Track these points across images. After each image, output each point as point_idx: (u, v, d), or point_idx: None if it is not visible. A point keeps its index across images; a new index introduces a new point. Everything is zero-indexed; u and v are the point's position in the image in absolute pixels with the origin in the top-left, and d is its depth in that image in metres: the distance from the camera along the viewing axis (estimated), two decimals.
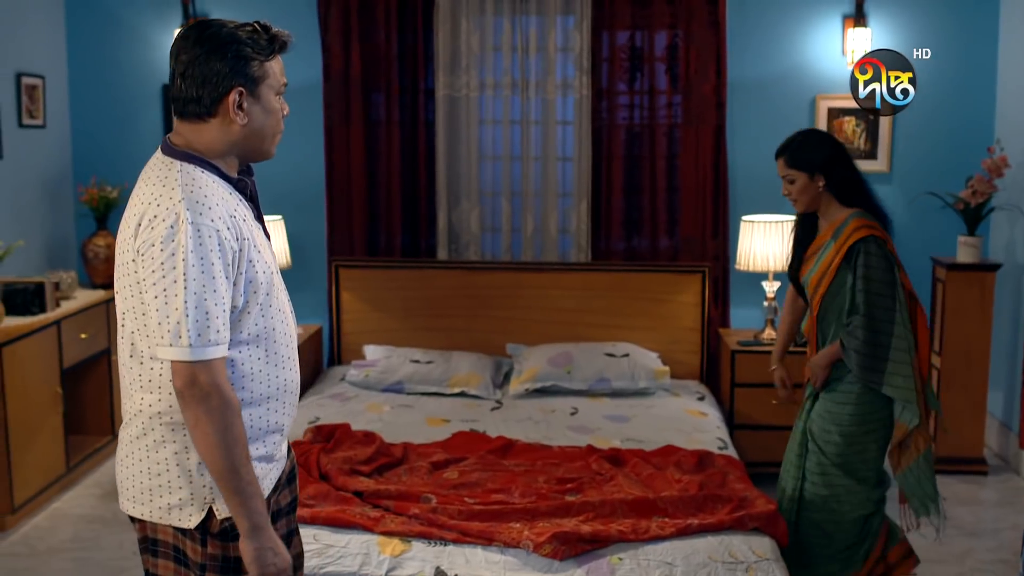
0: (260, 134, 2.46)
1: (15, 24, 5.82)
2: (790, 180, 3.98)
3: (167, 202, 2.28)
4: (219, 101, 2.37)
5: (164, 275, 2.25)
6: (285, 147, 6.19)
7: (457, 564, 3.56)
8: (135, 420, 2.40)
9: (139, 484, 2.39)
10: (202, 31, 2.38)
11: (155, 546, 2.43)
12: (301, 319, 6.28)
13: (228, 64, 2.37)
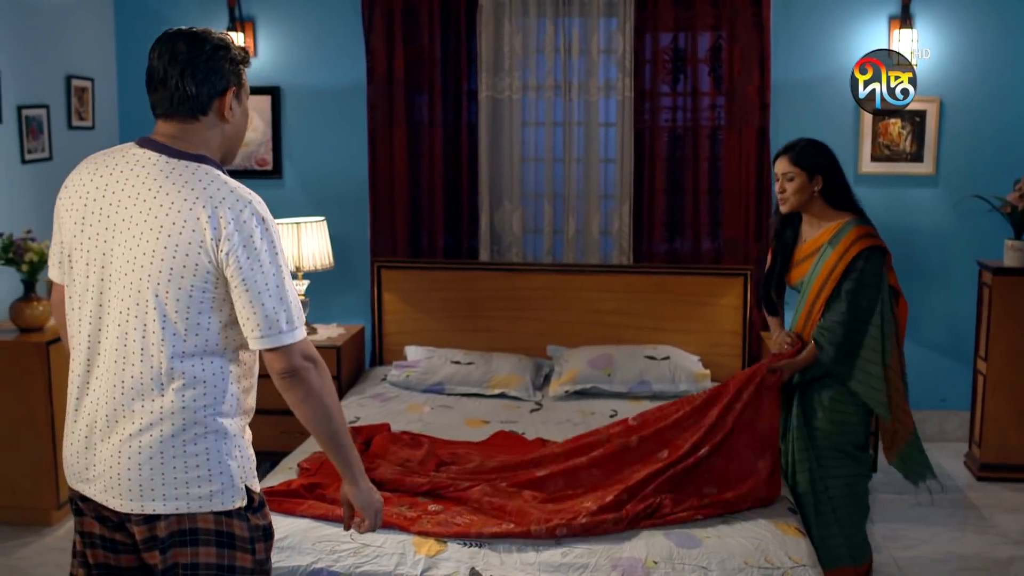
0: (238, 136, 2.62)
1: (65, 27, 5.92)
2: (789, 178, 4.07)
3: (241, 200, 2.43)
4: (215, 99, 2.51)
5: (267, 263, 2.43)
6: (329, 149, 6.31)
7: (492, 565, 3.56)
8: (165, 420, 2.44)
9: (172, 480, 2.44)
10: (196, 36, 2.52)
11: (194, 535, 2.47)
12: (343, 319, 6.34)
13: (226, 65, 2.52)
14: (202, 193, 2.41)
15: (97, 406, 2.49)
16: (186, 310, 2.43)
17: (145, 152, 2.49)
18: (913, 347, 6.19)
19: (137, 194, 2.45)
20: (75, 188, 2.53)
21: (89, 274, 2.48)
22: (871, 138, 6.04)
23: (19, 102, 5.48)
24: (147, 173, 2.46)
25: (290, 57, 6.31)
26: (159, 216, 2.42)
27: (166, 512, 2.46)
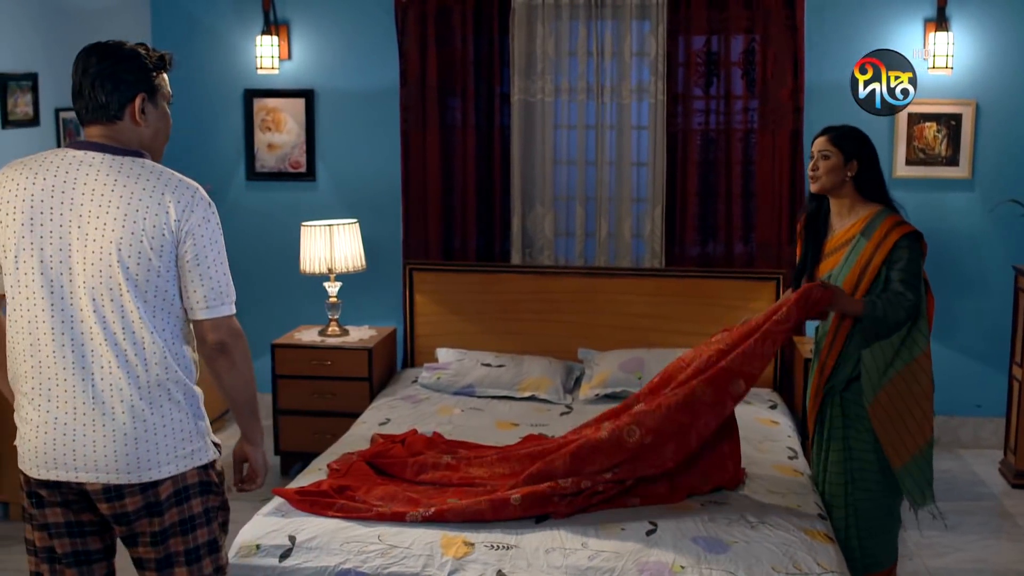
0: (158, 137, 2.83)
1: (102, 31, 5.95)
2: (825, 156, 3.98)
3: (193, 190, 2.74)
4: (126, 105, 2.73)
5: (211, 244, 2.74)
6: (362, 151, 6.34)
7: (519, 568, 3.57)
8: (151, 385, 2.70)
9: (166, 446, 2.72)
10: (107, 49, 2.75)
11: (187, 492, 2.77)
12: (376, 321, 6.37)
13: (134, 74, 2.73)
14: (157, 182, 2.68)
15: (75, 394, 2.67)
16: (154, 288, 2.68)
17: (86, 153, 2.69)
18: (948, 353, 6.14)
19: (92, 190, 2.65)
20: (11, 192, 2.68)
21: (45, 270, 2.66)
22: (906, 142, 6.00)
23: (57, 105, 5.56)
24: (96, 171, 2.67)
25: (324, 60, 6.35)
26: (121, 206, 2.64)
27: (168, 475, 2.73)
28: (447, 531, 3.73)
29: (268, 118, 6.40)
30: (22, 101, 5.29)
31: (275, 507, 3.94)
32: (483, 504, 3.82)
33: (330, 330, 5.92)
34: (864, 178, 3.97)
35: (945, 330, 6.15)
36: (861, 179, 3.97)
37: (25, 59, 5.33)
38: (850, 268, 3.92)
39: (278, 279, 6.46)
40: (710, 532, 3.76)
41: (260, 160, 6.44)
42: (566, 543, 3.67)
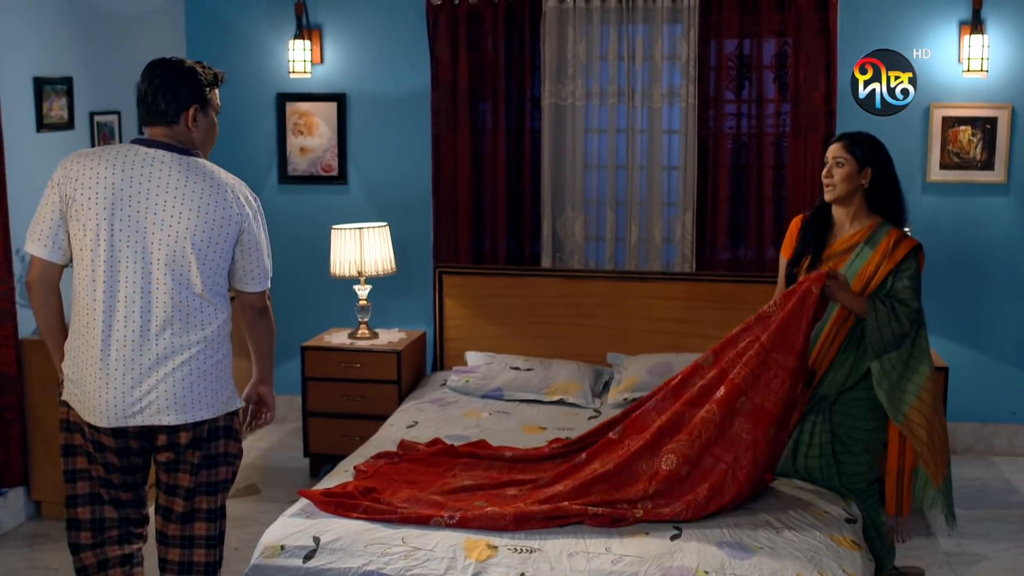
0: (205, 143, 3.35)
1: (137, 35, 6.05)
2: (839, 163, 4.07)
3: (239, 183, 3.36)
4: (181, 113, 3.24)
5: (261, 237, 3.40)
6: (393, 155, 6.37)
7: (542, 572, 3.56)
8: (194, 347, 3.24)
9: (206, 394, 3.27)
10: (169, 64, 3.26)
11: (217, 433, 3.33)
12: (406, 324, 6.39)
13: (190, 88, 3.25)
14: (222, 180, 3.28)
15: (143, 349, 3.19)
16: (214, 266, 3.26)
17: (156, 151, 3.22)
18: (984, 359, 6.08)
19: (166, 183, 3.19)
20: (91, 178, 3.17)
21: (123, 248, 3.17)
22: (940, 145, 5.93)
23: (91, 108, 5.62)
24: (168, 167, 3.20)
25: (356, 64, 6.38)
26: (195, 199, 3.20)
27: (204, 418, 3.27)
28: (470, 534, 3.73)
29: (300, 122, 6.44)
30: (57, 105, 5.35)
31: (300, 508, 3.95)
32: (507, 517, 3.78)
33: (359, 333, 5.94)
34: (876, 187, 4.07)
35: (980, 336, 6.08)
36: (873, 187, 4.07)
37: (60, 63, 5.40)
38: (855, 275, 4.00)
39: (309, 282, 6.49)
40: (735, 537, 3.73)
41: (292, 163, 6.48)
42: (589, 547, 3.66)
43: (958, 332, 6.08)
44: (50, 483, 5.17)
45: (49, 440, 5.13)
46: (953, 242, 6.02)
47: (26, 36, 5.18)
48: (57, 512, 5.20)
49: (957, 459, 6.03)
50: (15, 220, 5.04)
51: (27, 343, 5.12)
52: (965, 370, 6.04)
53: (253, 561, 3.70)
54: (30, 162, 5.17)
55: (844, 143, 4.12)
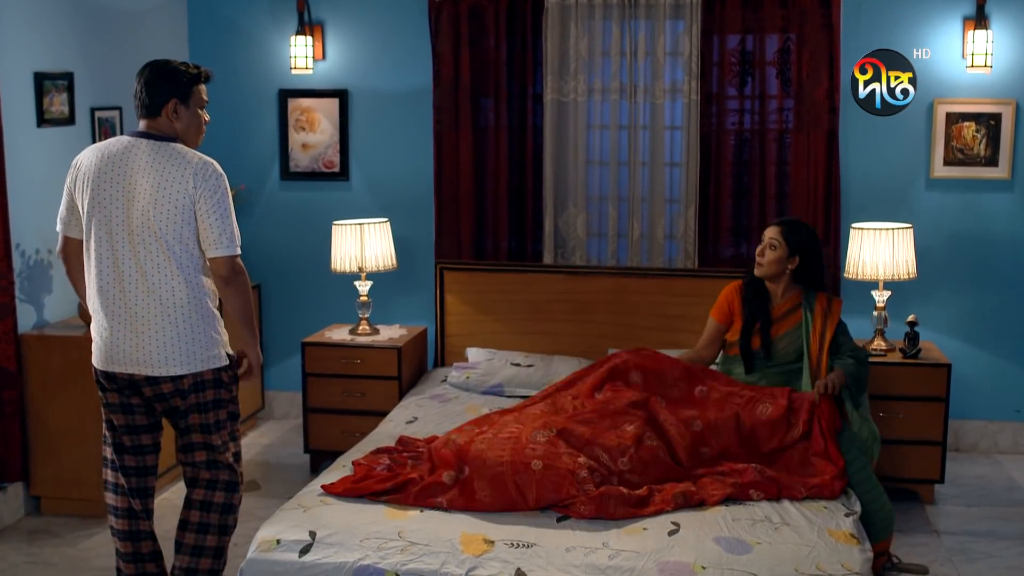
0: (189, 131, 3.84)
1: (138, 31, 6.04)
2: (772, 246, 4.68)
3: (208, 164, 3.73)
4: (162, 106, 3.77)
5: (218, 202, 3.70)
6: (395, 151, 6.35)
7: (538, 566, 3.55)
8: (176, 308, 3.71)
9: (189, 349, 3.74)
10: (155, 64, 3.81)
11: (203, 384, 3.80)
12: (408, 321, 6.37)
13: (170, 84, 3.77)
14: (181, 160, 3.71)
15: (122, 312, 3.72)
16: (177, 236, 3.68)
17: (136, 139, 3.77)
18: (988, 357, 6.05)
19: (138, 165, 3.70)
20: (86, 167, 3.76)
21: (109, 221, 3.70)
22: (944, 142, 5.90)
23: (92, 104, 5.61)
24: (142, 151, 3.73)
25: (358, 61, 6.37)
26: (156, 177, 3.68)
27: (190, 371, 3.76)
28: (467, 529, 3.72)
29: (302, 118, 6.43)
30: (57, 100, 5.34)
31: (296, 503, 3.94)
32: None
33: (360, 329, 5.93)
34: (802, 269, 4.70)
35: (984, 334, 6.05)
36: (800, 270, 4.70)
37: (61, 58, 5.39)
38: (808, 336, 4.63)
39: (311, 278, 6.48)
40: (733, 533, 3.71)
41: (294, 160, 6.47)
42: (586, 542, 3.65)
43: (962, 330, 6.04)
44: (49, 478, 5.17)
45: (49, 435, 5.13)
46: (957, 239, 5.98)
47: (26, 31, 5.18)
48: (56, 507, 5.20)
49: (961, 457, 6.02)
50: (15, 215, 5.04)
51: (27, 338, 5.12)
52: (969, 368, 6.01)
53: (249, 555, 3.69)
54: (30, 157, 5.17)
55: (781, 229, 4.69)
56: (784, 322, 4.74)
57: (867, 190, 6.00)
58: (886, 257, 5.42)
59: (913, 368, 5.34)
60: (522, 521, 3.79)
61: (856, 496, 4.17)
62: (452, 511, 3.89)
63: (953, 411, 5.79)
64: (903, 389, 5.33)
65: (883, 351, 5.46)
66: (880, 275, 5.44)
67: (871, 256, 5.45)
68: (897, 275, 5.43)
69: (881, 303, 5.52)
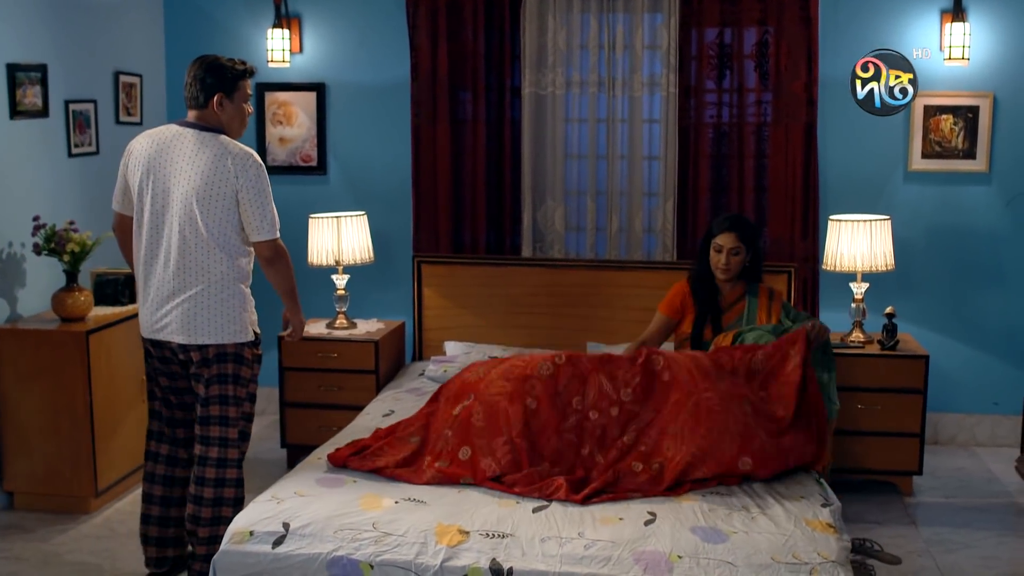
0: (232, 123, 4.17)
1: (114, 24, 5.99)
2: (735, 252, 4.80)
3: (246, 153, 4.05)
4: (210, 99, 4.09)
5: (259, 192, 4.04)
6: (373, 145, 6.32)
7: (513, 557, 3.52)
8: (210, 284, 4.05)
9: (209, 325, 4.07)
10: (204, 59, 4.14)
11: (225, 357, 4.11)
12: (386, 315, 6.34)
13: (216, 79, 4.09)
14: (224, 151, 4.03)
15: (162, 284, 4.08)
16: (216, 220, 4.02)
17: (184, 128, 4.10)
18: (966, 350, 6.06)
19: (184, 154, 4.04)
20: (139, 152, 4.12)
21: (156, 202, 4.05)
22: (922, 134, 5.91)
23: (67, 96, 5.56)
24: (189, 141, 4.06)
25: (335, 54, 6.34)
26: (199, 165, 4.01)
27: (213, 342, 4.08)
28: (442, 519, 3.69)
29: (279, 112, 6.39)
30: (31, 92, 5.29)
31: (271, 495, 3.91)
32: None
33: (337, 323, 5.89)
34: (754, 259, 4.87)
35: (962, 326, 6.05)
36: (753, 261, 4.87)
37: (35, 50, 5.33)
38: (755, 319, 4.79)
39: None
40: (709, 522, 3.69)
41: (271, 154, 6.43)
42: (562, 532, 3.62)
43: (940, 322, 6.04)
44: (22, 474, 5.12)
45: (22, 431, 5.08)
46: (935, 232, 5.99)
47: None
48: (29, 503, 5.14)
49: (939, 449, 6.02)
50: None
51: (0, 332, 5.06)
52: (947, 360, 6.01)
53: (222, 547, 3.65)
54: (3, 150, 5.12)
55: (737, 235, 4.79)
56: (731, 312, 4.88)
57: (845, 183, 6.00)
58: (864, 249, 5.42)
59: (891, 360, 5.34)
60: (498, 511, 3.77)
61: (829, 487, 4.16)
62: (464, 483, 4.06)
63: (931, 404, 5.80)
64: (881, 381, 5.33)
65: (861, 343, 5.46)
66: (858, 267, 5.43)
67: (849, 248, 5.45)
68: (875, 267, 5.43)
69: (859, 295, 5.52)
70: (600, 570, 3.46)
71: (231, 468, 4.20)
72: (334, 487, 4.00)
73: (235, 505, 4.19)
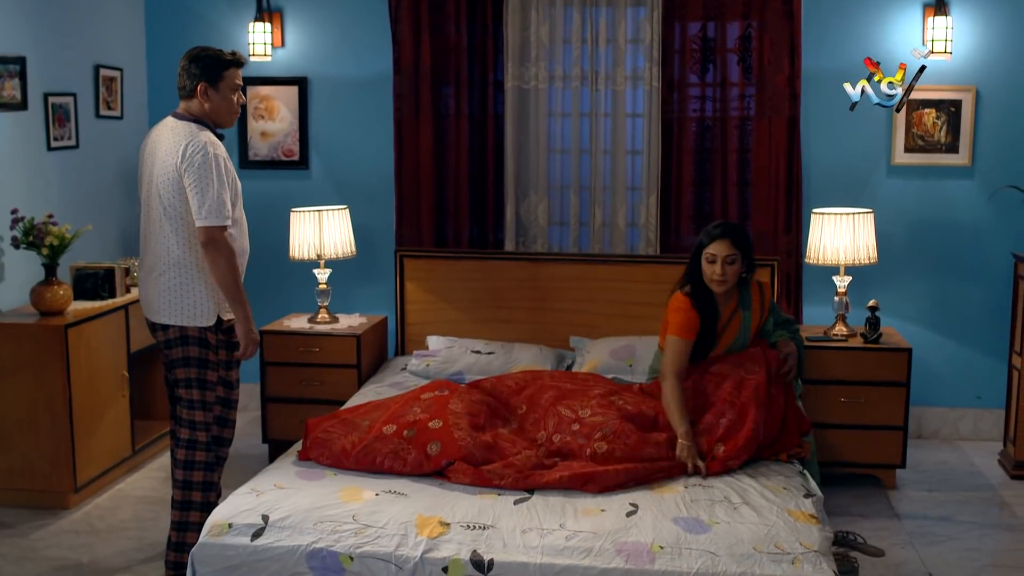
0: (217, 113, 4.24)
1: (94, 17, 5.95)
2: (731, 261, 4.40)
3: (197, 141, 4.07)
4: (195, 88, 4.18)
5: (201, 178, 4.03)
6: (355, 139, 6.29)
7: (495, 548, 3.50)
8: (170, 266, 4.14)
9: (171, 306, 4.16)
10: (192, 51, 4.23)
11: (187, 340, 4.19)
12: (369, 310, 6.32)
13: (201, 69, 4.18)
14: (182, 137, 4.10)
15: (145, 263, 4.26)
16: (173, 205, 4.10)
17: (169, 119, 4.23)
18: (949, 343, 6.06)
19: (160, 142, 4.17)
20: (144, 144, 4.30)
21: (143, 189, 4.24)
22: (905, 128, 5.90)
23: (46, 89, 5.51)
24: (168, 130, 4.18)
25: (317, 48, 6.31)
26: (165, 152, 4.11)
27: (174, 323, 4.18)
28: (423, 511, 3.67)
29: (261, 106, 6.36)
30: (9, 85, 5.24)
31: (250, 487, 3.88)
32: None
33: (319, 317, 5.86)
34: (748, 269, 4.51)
35: (945, 320, 6.05)
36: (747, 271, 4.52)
37: (13, 42, 5.28)
38: (748, 333, 4.53)
39: (269, 268, 6.39)
40: (691, 513, 3.68)
41: (253, 148, 6.40)
42: (543, 523, 3.60)
43: (923, 316, 6.04)
44: (1, 469, 5.07)
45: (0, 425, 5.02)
46: (918, 225, 5.99)
47: None
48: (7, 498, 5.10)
49: (923, 443, 6.02)
50: None
51: None
52: (930, 354, 6.02)
53: (200, 540, 3.62)
54: None
55: (731, 241, 4.40)
56: (730, 328, 4.54)
57: (828, 177, 6.00)
58: (847, 242, 5.42)
59: (874, 353, 5.33)
60: (478, 503, 3.74)
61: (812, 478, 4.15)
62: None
63: (914, 398, 5.80)
64: (864, 374, 5.32)
65: (844, 336, 5.45)
66: (841, 260, 5.43)
67: (832, 241, 5.44)
68: (858, 260, 5.43)
69: (842, 288, 5.52)
70: (581, 561, 3.44)
71: (199, 451, 4.26)
72: (314, 480, 3.98)
73: (204, 490, 4.26)
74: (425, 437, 4.06)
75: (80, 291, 5.40)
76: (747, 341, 4.55)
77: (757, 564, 3.40)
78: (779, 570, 3.37)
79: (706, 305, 4.48)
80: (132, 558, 4.53)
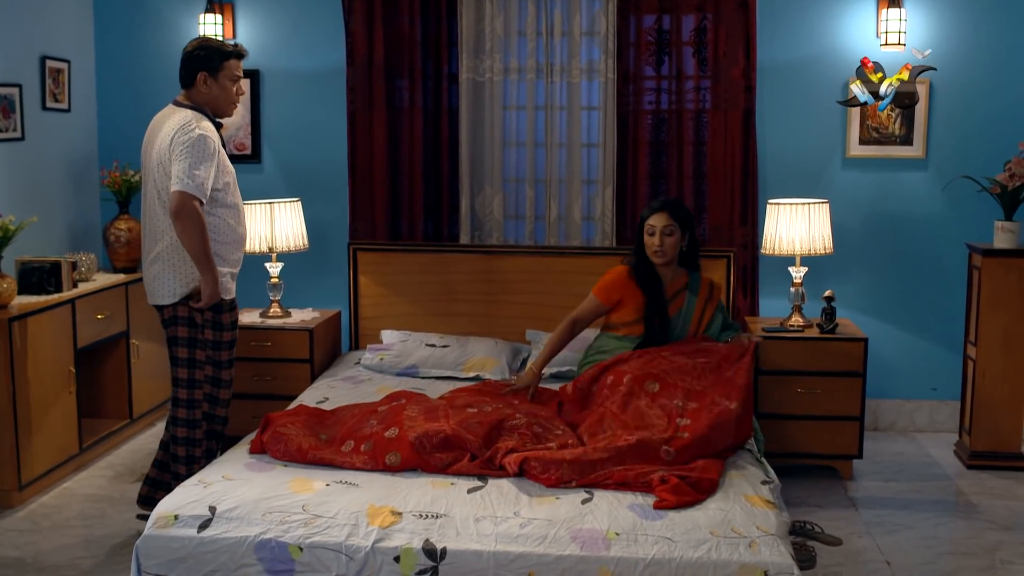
0: (215, 102, 4.45)
1: (41, 8, 5.83)
2: (668, 232, 4.64)
3: (189, 123, 4.26)
4: (194, 77, 4.40)
5: (185, 153, 4.19)
6: (308, 132, 6.20)
7: (448, 537, 3.43)
8: (165, 248, 4.34)
9: (165, 286, 4.38)
10: (193, 42, 4.48)
11: (177, 320, 4.42)
12: (323, 304, 6.23)
13: (200, 60, 4.39)
14: (174, 122, 4.30)
15: (143, 246, 4.46)
16: (166, 186, 4.26)
17: (169, 106, 4.44)
18: (904, 335, 6.07)
19: (158, 128, 4.37)
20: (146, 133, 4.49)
21: (144, 176, 4.45)
22: (859, 121, 5.91)
23: None
24: (165, 116, 4.39)
25: (269, 40, 6.22)
26: (161, 138, 4.30)
27: (168, 303, 4.41)
28: (374, 501, 3.60)
29: None
30: None
31: (197, 479, 3.79)
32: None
33: (271, 311, 5.77)
34: (691, 243, 4.73)
35: (900, 312, 6.06)
36: (689, 245, 4.73)
37: None
38: (691, 318, 4.70)
39: None
40: (647, 500, 3.63)
41: None
42: (497, 511, 3.54)
43: (878, 308, 6.05)
44: None
45: None
46: (872, 217, 6.00)
47: None
48: None
49: (879, 435, 6.02)
50: None
51: None
52: (885, 346, 6.02)
53: (144, 532, 3.53)
54: None
55: (668, 212, 4.65)
56: (676, 302, 4.73)
57: (784, 169, 6.00)
58: (802, 232, 5.41)
59: (830, 343, 5.32)
60: (431, 492, 3.68)
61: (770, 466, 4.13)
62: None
63: (870, 390, 5.80)
64: (820, 364, 5.31)
65: (800, 327, 5.44)
66: (797, 250, 5.42)
67: (788, 231, 5.43)
68: (814, 250, 5.42)
69: (798, 279, 5.51)
70: (536, 548, 3.38)
71: (180, 427, 4.50)
72: (263, 471, 3.90)
73: (187, 463, 4.49)
74: (383, 448, 3.97)
75: (25, 285, 5.28)
76: (688, 322, 4.70)
77: (714, 549, 3.37)
78: (736, 554, 3.33)
79: (649, 278, 4.70)
80: (77, 555, 4.41)
